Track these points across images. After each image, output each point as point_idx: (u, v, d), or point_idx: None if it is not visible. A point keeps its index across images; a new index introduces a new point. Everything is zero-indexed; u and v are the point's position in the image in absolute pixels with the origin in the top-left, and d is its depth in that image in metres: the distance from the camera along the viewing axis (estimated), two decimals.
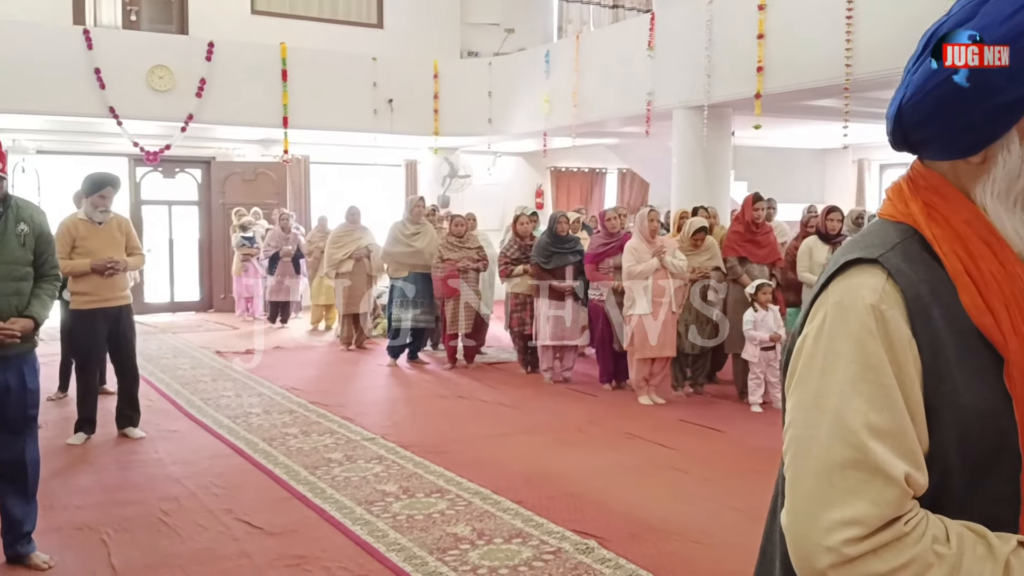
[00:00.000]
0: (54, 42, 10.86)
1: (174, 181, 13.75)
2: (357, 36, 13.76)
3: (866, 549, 0.95)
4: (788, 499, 1.02)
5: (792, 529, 1.01)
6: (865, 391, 0.99)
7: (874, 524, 0.96)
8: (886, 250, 1.04)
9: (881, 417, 0.98)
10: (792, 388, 1.06)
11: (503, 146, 14.62)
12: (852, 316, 1.01)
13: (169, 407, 6.87)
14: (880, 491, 0.96)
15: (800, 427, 1.03)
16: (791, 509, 1.01)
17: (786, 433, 1.05)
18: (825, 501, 0.98)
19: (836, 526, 0.96)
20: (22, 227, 3.73)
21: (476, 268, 8.33)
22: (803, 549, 0.99)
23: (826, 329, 1.03)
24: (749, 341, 6.59)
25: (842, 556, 0.96)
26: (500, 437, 5.96)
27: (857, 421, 0.98)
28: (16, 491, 3.73)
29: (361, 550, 3.89)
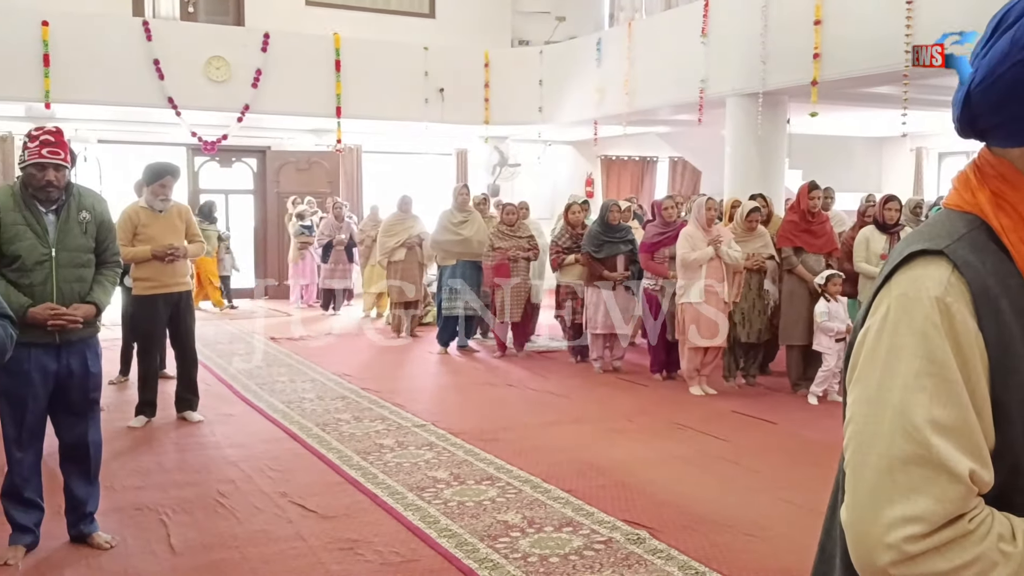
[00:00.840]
0: (114, 34, 11.11)
1: (230, 170, 14.00)
2: (409, 26, 13.83)
3: (928, 547, 0.93)
4: (848, 495, 1.00)
5: (852, 525, 0.99)
6: (929, 386, 0.96)
7: (937, 521, 0.94)
8: (952, 241, 1.01)
9: (945, 412, 0.95)
10: (853, 382, 1.04)
11: (553, 135, 14.58)
12: (916, 309, 0.99)
13: (226, 391, 7.01)
14: (944, 488, 0.94)
15: (862, 422, 1.01)
16: (851, 505, 1.00)
17: (847, 428, 1.03)
18: (887, 497, 0.96)
19: (898, 523, 0.94)
20: (84, 215, 3.82)
21: (527, 257, 8.33)
22: (863, 546, 0.97)
23: (889, 322, 1.01)
24: (824, 332, 6.48)
25: (903, 553, 0.94)
26: (550, 426, 5.97)
27: (920, 416, 0.95)
28: (79, 472, 3.84)
29: (412, 535, 3.93)
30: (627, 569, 3.54)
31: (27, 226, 3.62)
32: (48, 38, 10.62)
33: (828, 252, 6.93)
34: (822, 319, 6.44)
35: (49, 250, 3.65)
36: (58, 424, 3.81)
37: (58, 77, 10.69)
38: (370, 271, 11.16)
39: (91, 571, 3.57)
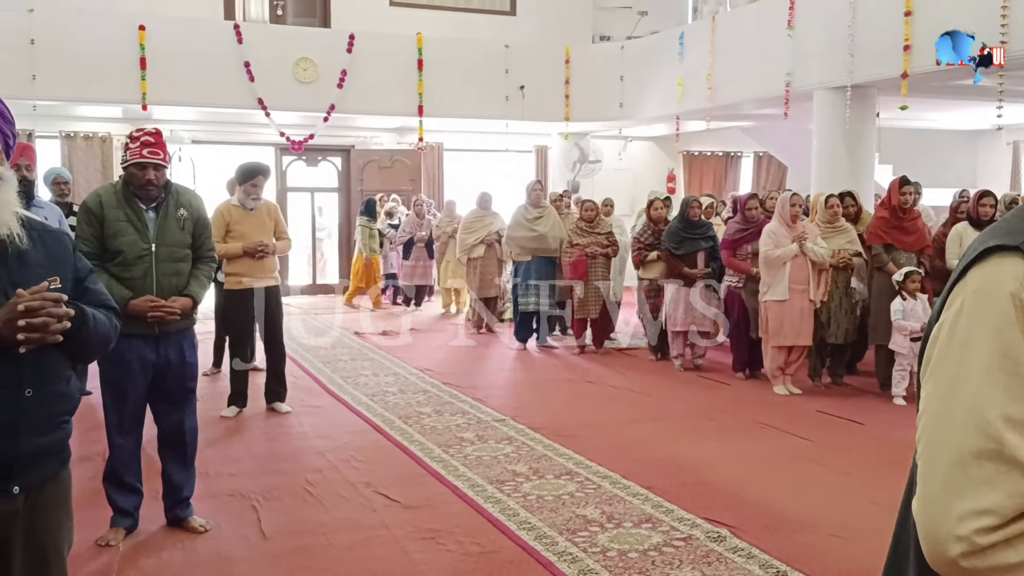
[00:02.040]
0: (207, 37, 11.51)
1: (316, 169, 14.35)
2: (490, 24, 13.94)
3: (999, 539, 0.94)
4: (920, 487, 1.01)
5: (923, 517, 1.00)
6: (1002, 381, 0.96)
7: (1008, 515, 0.94)
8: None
9: (1018, 408, 0.95)
10: (927, 377, 1.05)
11: (634, 131, 14.50)
12: (991, 304, 0.98)
13: (312, 384, 7.21)
14: (1016, 482, 0.94)
15: (935, 416, 1.01)
16: (923, 497, 1.00)
17: (920, 421, 1.04)
18: (958, 490, 0.96)
19: (968, 515, 0.95)
20: (181, 212, 3.99)
21: (605, 254, 8.32)
22: (934, 537, 0.98)
23: (963, 317, 1.01)
24: (898, 331, 6.31)
25: (973, 545, 0.95)
26: (629, 423, 5.96)
27: (993, 411, 0.96)
28: (176, 458, 4.02)
29: (492, 527, 3.98)
30: (707, 566, 3.52)
31: (129, 222, 3.80)
32: (145, 42, 11.06)
33: (920, 249, 6.72)
34: (897, 317, 6.27)
35: (149, 245, 3.82)
36: (156, 412, 3.99)
37: (154, 80, 11.13)
38: (446, 267, 11.30)
39: (186, 553, 3.73)
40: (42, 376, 2.03)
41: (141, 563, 3.61)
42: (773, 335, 6.70)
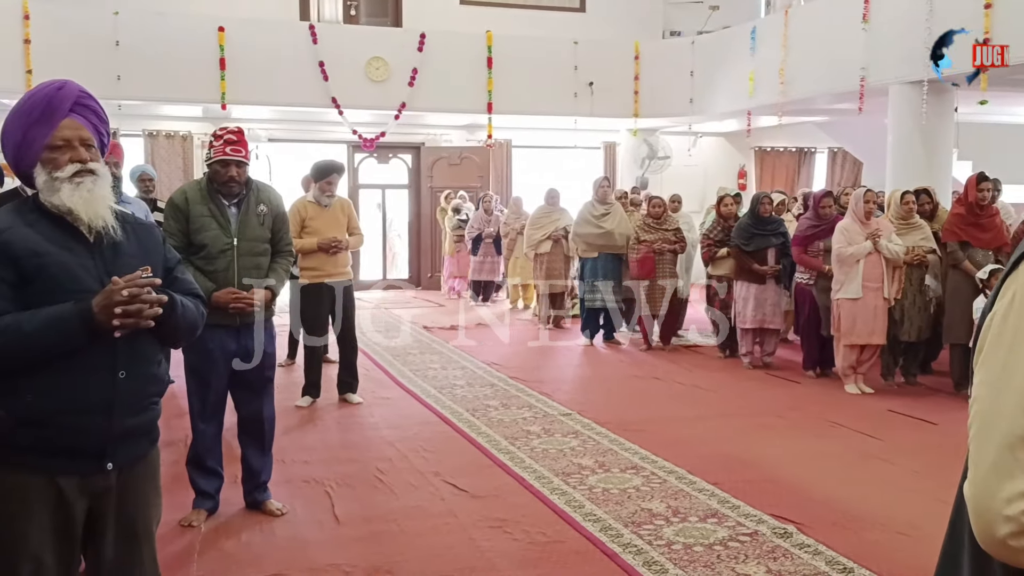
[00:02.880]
0: (283, 38, 11.82)
1: (387, 166, 14.59)
2: (559, 21, 13.97)
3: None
4: (971, 470, 1.05)
5: (974, 499, 1.03)
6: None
7: None
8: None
9: None
10: (980, 364, 1.08)
11: (704, 126, 14.37)
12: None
13: (382, 376, 7.37)
14: None
15: (986, 402, 1.05)
16: (973, 480, 1.05)
17: (972, 407, 1.08)
18: (1007, 472, 1.00)
19: (1017, 497, 0.99)
20: (262, 208, 4.15)
21: (673, 250, 8.29)
22: (984, 518, 1.01)
23: (1015, 306, 1.05)
24: None
25: (1021, 525, 0.98)
26: (696, 419, 5.95)
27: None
28: (255, 444, 4.18)
29: (558, 518, 4.04)
30: (772, 562, 3.52)
31: (212, 218, 3.97)
32: (224, 43, 11.41)
33: (997, 247, 6.54)
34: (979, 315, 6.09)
35: (231, 240, 3.99)
36: (237, 399, 4.15)
37: (233, 80, 11.47)
38: (514, 263, 11.38)
39: (264, 535, 3.88)
40: (135, 359, 2.16)
41: (222, 544, 3.78)
42: (845, 333, 6.61)
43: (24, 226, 2.09)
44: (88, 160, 2.13)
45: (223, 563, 3.56)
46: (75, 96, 2.16)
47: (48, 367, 2.05)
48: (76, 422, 2.08)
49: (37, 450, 2.07)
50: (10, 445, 2.07)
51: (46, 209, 2.12)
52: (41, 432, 2.06)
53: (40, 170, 2.12)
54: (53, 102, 2.12)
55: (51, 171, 2.10)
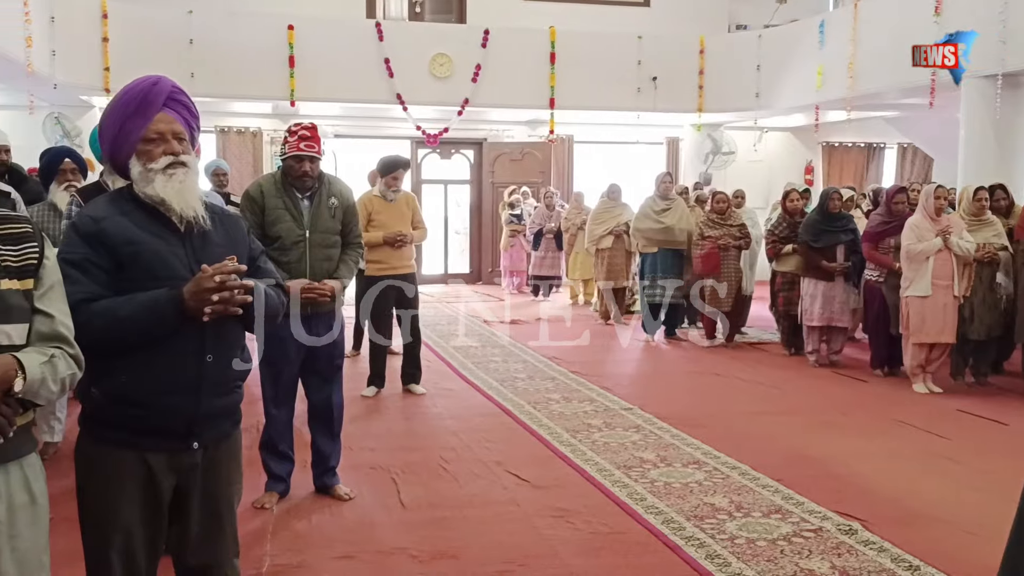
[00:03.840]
0: (350, 35, 12.03)
1: (450, 161, 14.74)
2: (623, 16, 13.94)
3: None
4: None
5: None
6: None
7: None
8: None
9: None
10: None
11: (770, 121, 14.20)
12: None
13: (444, 368, 7.47)
14: None
15: None
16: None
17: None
18: None
19: None
20: (333, 201, 4.27)
21: (738, 246, 8.22)
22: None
23: None
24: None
25: None
26: (759, 415, 5.92)
27: None
28: (325, 429, 4.30)
29: (619, 509, 4.08)
30: (837, 558, 3.51)
31: (286, 210, 4.09)
32: (293, 41, 11.66)
33: None
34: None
35: (304, 232, 4.11)
36: (307, 386, 4.28)
37: (301, 77, 11.72)
38: (575, 258, 11.41)
39: (333, 518, 4.00)
40: (221, 344, 2.27)
41: (293, 525, 3.90)
42: (914, 332, 6.49)
43: (120, 215, 2.21)
44: (180, 153, 2.24)
45: (295, 543, 3.69)
46: (169, 91, 2.27)
47: (141, 350, 2.16)
48: (166, 402, 2.19)
49: (129, 428, 2.19)
50: (105, 423, 2.20)
51: (140, 199, 2.23)
52: (133, 411, 2.17)
53: (135, 162, 2.23)
54: (148, 96, 2.23)
55: (145, 163, 2.22)
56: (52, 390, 1.80)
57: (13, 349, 1.75)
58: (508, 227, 12.87)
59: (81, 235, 2.16)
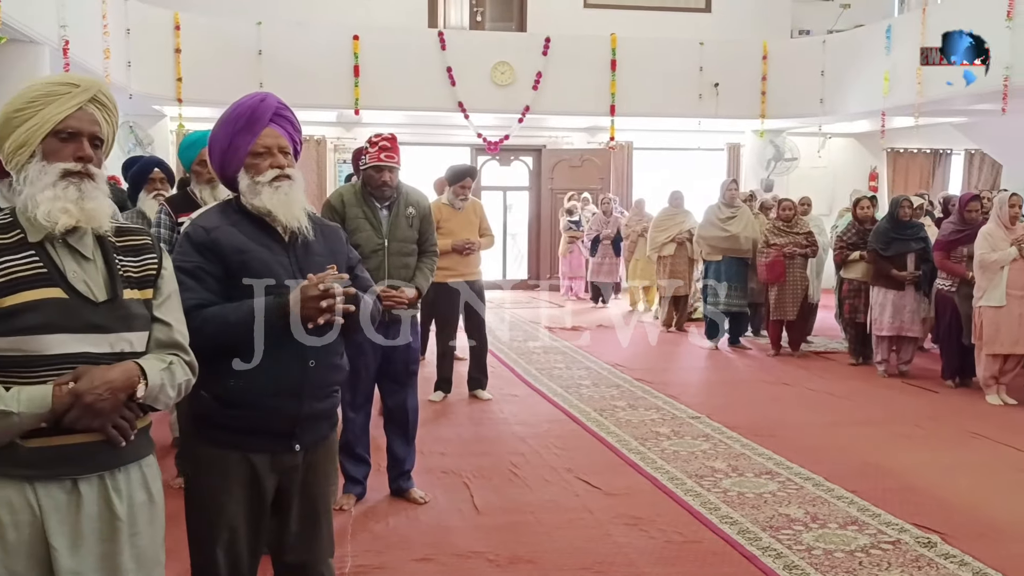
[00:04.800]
0: (413, 44, 12.18)
1: (509, 168, 14.82)
2: (684, 22, 13.90)
3: None
4: None
5: None
6: None
7: None
8: None
9: None
10: None
11: (834, 127, 14.00)
12: None
13: (509, 374, 7.53)
14: None
15: None
16: None
17: None
18: None
19: None
20: (410, 210, 4.36)
21: (804, 254, 8.14)
22: None
23: None
24: None
25: None
26: (830, 426, 5.86)
27: None
28: (400, 433, 4.39)
29: (693, 519, 4.08)
30: (916, 571, 3.47)
31: (366, 219, 4.20)
32: (359, 51, 11.86)
33: None
34: None
35: (382, 240, 4.21)
36: (383, 390, 4.37)
37: (366, 85, 11.91)
38: (635, 264, 11.38)
39: (409, 521, 4.08)
40: (322, 349, 2.35)
41: (371, 526, 3.99)
42: (988, 342, 6.37)
43: (229, 225, 2.31)
44: (285, 166, 2.33)
45: (375, 544, 3.77)
46: (274, 107, 2.36)
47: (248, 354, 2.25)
48: (271, 405, 2.28)
49: (235, 429, 2.28)
50: (213, 424, 2.30)
51: (247, 210, 2.33)
52: (240, 413, 2.27)
53: (243, 175, 2.33)
54: (256, 112, 2.33)
55: (253, 176, 2.31)
56: (170, 395, 1.89)
57: (134, 356, 1.84)
58: (566, 233, 12.90)
59: (194, 244, 2.27)
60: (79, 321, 1.74)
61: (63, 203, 1.73)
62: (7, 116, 1.77)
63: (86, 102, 1.81)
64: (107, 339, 1.77)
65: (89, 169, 1.79)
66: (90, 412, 1.70)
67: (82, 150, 1.79)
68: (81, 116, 1.80)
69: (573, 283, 13.32)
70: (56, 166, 1.76)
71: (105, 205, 1.80)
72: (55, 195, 1.74)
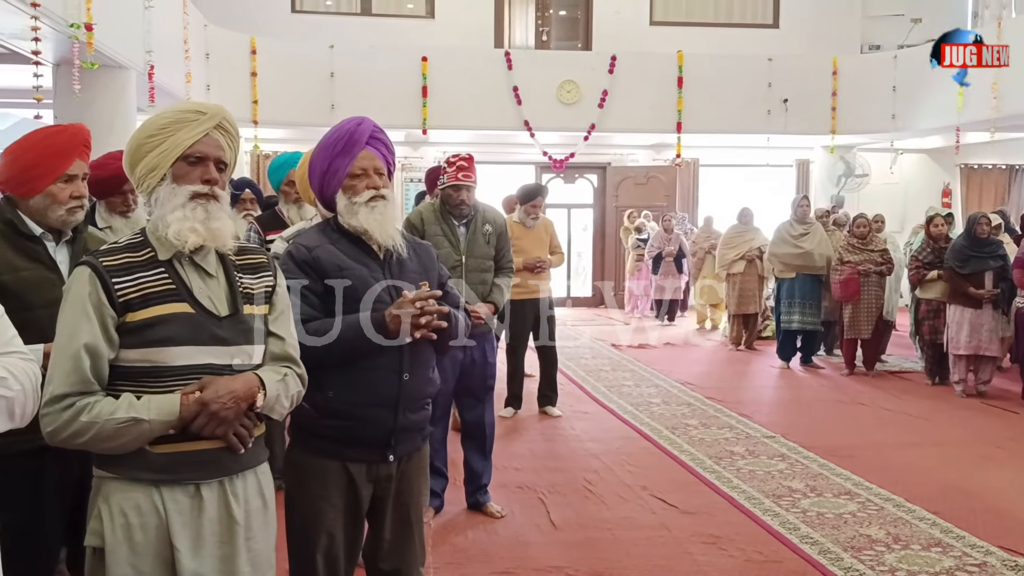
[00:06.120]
0: (481, 65, 12.35)
1: (573, 186, 14.87)
2: (752, 37, 13.82)
3: None
4: None
5: None
6: None
7: None
8: None
9: None
10: None
11: (906, 143, 13.74)
12: None
13: (578, 391, 7.55)
14: None
15: None
16: None
17: None
18: None
19: None
20: (487, 228, 4.45)
21: (879, 271, 8.01)
22: None
23: None
24: None
25: None
26: (908, 447, 5.75)
27: None
28: (477, 448, 4.45)
29: (772, 538, 4.05)
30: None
31: (444, 237, 4.30)
32: (427, 72, 12.08)
33: None
34: None
35: (460, 257, 4.30)
36: (461, 406, 4.45)
37: (433, 105, 12.11)
38: (702, 282, 11.31)
39: (488, 534, 4.13)
40: (416, 363, 2.43)
41: (451, 539, 4.05)
42: None
43: (329, 244, 2.41)
44: (381, 187, 2.42)
45: (456, 557, 3.83)
46: (371, 131, 2.46)
47: (347, 367, 2.34)
48: (368, 416, 2.37)
49: (335, 439, 2.37)
50: (313, 434, 2.39)
51: (345, 230, 2.43)
52: (339, 423, 2.36)
53: (341, 196, 2.43)
54: (353, 136, 2.43)
55: (351, 196, 2.41)
56: (284, 406, 1.99)
57: (252, 368, 1.94)
58: (635, 251, 12.86)
59: (296, 262, 2.37)
60: (204, 334, 1.84)
61: (191, 223, 1.84)
62: (140, 142, 1.90)
63: (212, 128, 1.93)
64: (228, 351, 1.88)
65: (215, 191, 1.90)
66: (215, 420, 1.80)
67: (209, 173, 1.90)
68: (208, 141, 1.92)
69: (639, 301, 13.28)
70: (185, 188, 1.87)
71: (229, 225, 1.91)
72: (184, 216, 1.85)
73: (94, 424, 1.73)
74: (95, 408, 1.74)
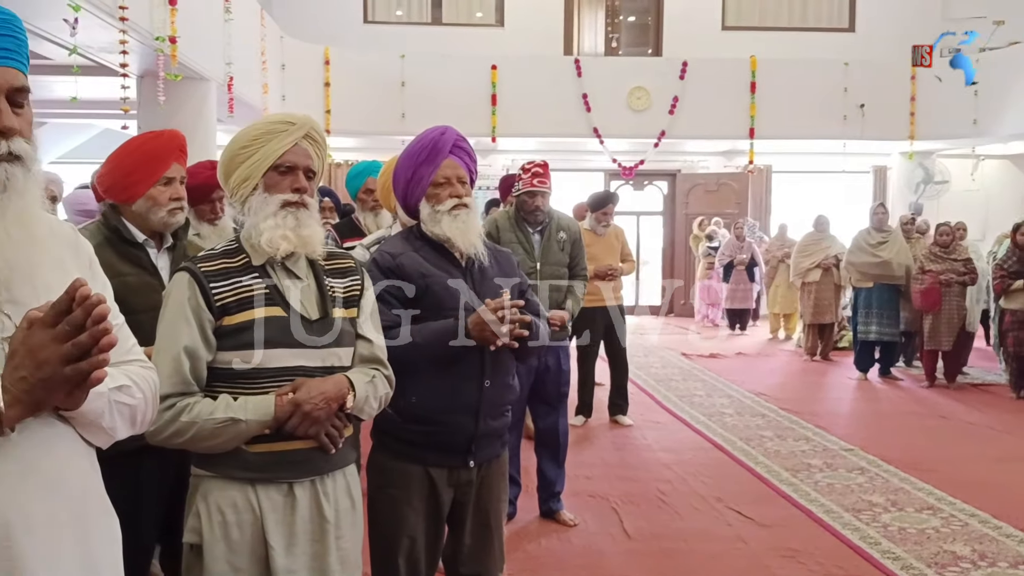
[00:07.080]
0: (550, 72, 12.36)
1: (642, 193, 14.78)
2: (827, 42, 13.54)
3: None
4: None
5: None
6: None
7: None
8: None
9: None
10: None
11: (988, 148, 13.31)
12: None
13: (648, 400, 7.49)
14: None
15: None
16: None
17: None
18: None
19: None
20: (561, 235, 4.46)
21: (962, 281, 7.76)
22: None
23: None
24: None
25: None
26: (993, 461, 5.55)
27: None
28: (551, 455, 4.45)
29: (853, 553, 3.96)
30: None
31: (519, 244, 4.31)
32: (496, 80, 12.15)
33: None
34: None
35: (535, 264, 4.31)
36: (535, 413, 4.46)
37: (503, 113, 12.17)
38: (775, 291, 11.12)
39: (562, 543, 4.13)
40: (497, 370, 2.45)
41: (525, 546, 4.06)
42: None
43: (412, 251, 2.44)
44: (463, 195, 2.45)
45: (530, 563, 3.84)
46: (454, 140, 2.49)
47: (429, 373, 2.37)
48: (450, 421, 2.39)
49: (417, 444, 2.40)
50: (396, 438, 2.42)
51: (428, 237, 2.46)
52: (422, 428, 2.39)
53: (425, 204, 2.46)
54: (437, 145, 2.46)
55: (434, 205, 2.44)
56: (373, 407, 2.03)
57: (342, 370, 1.98)
58: (705, 259, 12.72)
59: (381, 269, 2.41)
60: (296, 337, 1.89)
61: (283, 231, 1.90)
62: (233, 154, 1.95)
63: (301, 138, 1.97)
64: (319, 354, 1.92)
65: (305, 199, 1.95)
66: (308, 420, 1.84)
67: (299, 182, 1.95)
68: (297, 151, 1.96)
69: (710, 310, 13.11)
70: (276, 197, 1.93)
71: (319, 232, 1.95)
72: (276, 223, 1.90)
73: (194, 424, 1.79)
74: (195, 409, 1.80)
